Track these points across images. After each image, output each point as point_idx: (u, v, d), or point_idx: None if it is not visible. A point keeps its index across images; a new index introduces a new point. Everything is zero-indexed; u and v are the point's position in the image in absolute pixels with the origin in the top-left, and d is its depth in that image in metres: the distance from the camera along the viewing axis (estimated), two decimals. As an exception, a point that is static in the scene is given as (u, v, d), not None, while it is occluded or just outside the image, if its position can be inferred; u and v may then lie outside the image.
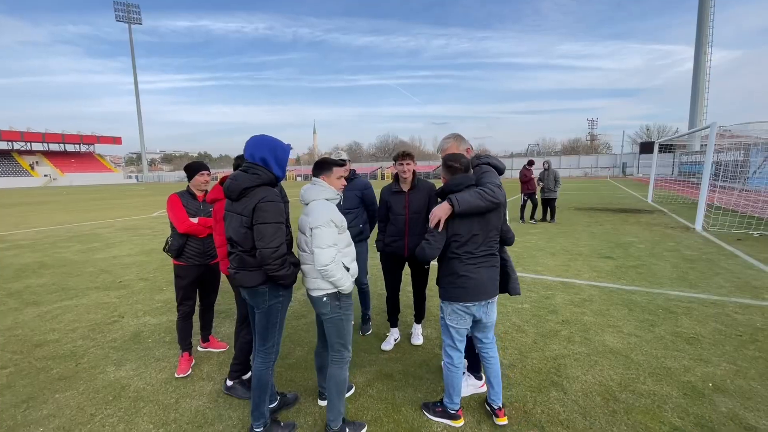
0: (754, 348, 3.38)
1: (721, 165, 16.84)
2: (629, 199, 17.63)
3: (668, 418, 2.48)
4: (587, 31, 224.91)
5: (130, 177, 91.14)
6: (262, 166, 2.21)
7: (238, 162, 3.68)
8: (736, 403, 2.62)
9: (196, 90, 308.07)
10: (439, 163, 2.66)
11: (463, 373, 2.61)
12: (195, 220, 3.16)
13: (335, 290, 2.29)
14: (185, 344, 3.31)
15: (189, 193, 3.24)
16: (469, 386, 2.81)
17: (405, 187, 3.41)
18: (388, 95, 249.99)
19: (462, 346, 2.43)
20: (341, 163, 2.48)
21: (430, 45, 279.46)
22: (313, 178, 2.43)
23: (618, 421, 2.47)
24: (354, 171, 3.85)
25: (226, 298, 4.96)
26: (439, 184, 2.54)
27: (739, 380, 2.89)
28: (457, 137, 2.68)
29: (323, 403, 2.69)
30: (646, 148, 42.46)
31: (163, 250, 3.20)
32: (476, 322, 2.42)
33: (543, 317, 4.19)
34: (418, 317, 3.76)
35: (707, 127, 9.48)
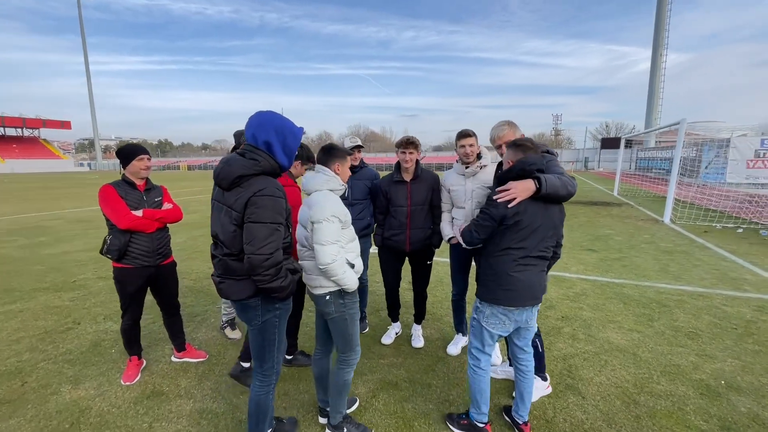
0: (753, 341, 3.40)
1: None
2: (596, 192, 18.26)
3: (693, 422, 2.37)
4: (552, 30, 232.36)
5: (81, 165, 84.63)
6: (264, 152, 1.81)
7: (238, 140, 3.15)
8: (753, 402, 2.56)
9: (155, 73, 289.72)
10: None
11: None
12: (138, 213, 2.70)
13: (339, 288, 2.09)
14: (134, 349, 2.94)
15: (126, 183, 2.75)
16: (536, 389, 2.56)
17: (407, 177, 3.14)
18: (358, 85, 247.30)
19: (491, 350, 2.20)
20: (351, 153, 2.20)
21: (400, 36, 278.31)
22: (318, 166, 2.17)
23: (644, 426, 2.33)
24: (362, 160, 3.50)
25: (200, 299, 4.49)
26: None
27: (748, 376, 2.86)
28: (511, 124, 2.41)
29: (324, 420, 2.38)
30: (607, 143, 44.41)
31: (101, 252, 2.70)
32: (516, 328, 2.18)
33: (542, 312, 4.06)
34: (418, 317, 3.50)
35: (677, 123, 9.82)
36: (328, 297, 2.10)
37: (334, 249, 1.99)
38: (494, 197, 1.99)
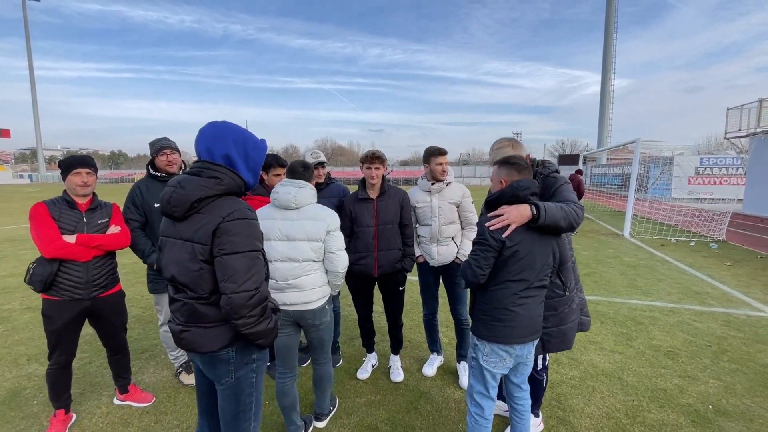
0: (728, 359, 3.41)
1: (627, 177, 19.04)
2: (558, 207, 18.96)
3: (691, 456, 2.25)
4: (509, 52, 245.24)
5: (21, 176, 77.90)
6: (225, 167, 1.50)
7: (153, 152, 2.97)
8: (743, 428, 2.49)
9: (110, 81, 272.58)
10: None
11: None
12: (71, 239, 2.29)
13: (330, 293, 2.31)
14: (61, 400, 2.46)
15: (65, 200, 2.37)
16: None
17: (372, 194, 2.90)
18: (324, 99, 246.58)
19: (495, 393, 1.96)
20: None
21: (366, 53, 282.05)
22: (301, 181, 2.21)
23: (644, 465, 2.18)
24: (329, 175, 3.24)
25: (149, 332, 3.97)
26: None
27: (732, 398, 2.82)
28: (514, 144, 2.14)
29: None
30: (564, 159, 47.03)
31: (25, 281, 2.29)
32: (515, 365, 1.96)
33: (522, 336, 3.92)
34: (395, 348, 3.23)
35: (633, 142, 10.37)
36: (326, 306, 2.26)
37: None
38: (486, 224, 1.79)
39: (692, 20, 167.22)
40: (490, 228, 1.77)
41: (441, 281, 3.13)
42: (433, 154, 2.90)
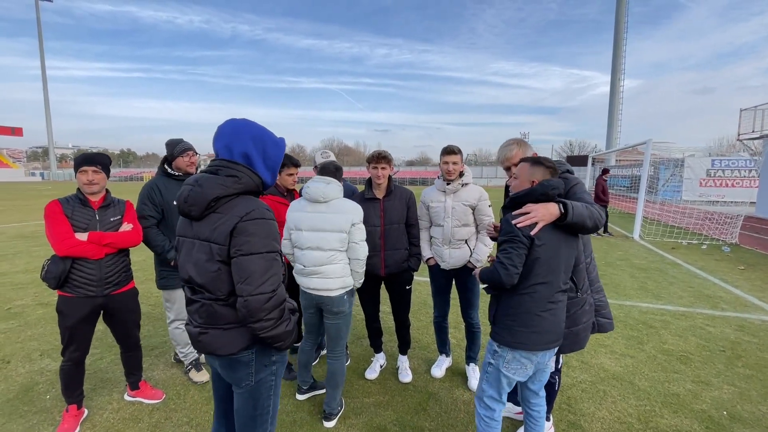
0: (742, 365, 3.34)
1: (636, 179, 18.80)
2: (566, 209, 18.77)
3: (706, 463, 2.21)
4: (516, 52, 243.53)
5: (33, 174, 79.13)
6: (244, 166, 1.46)
7: (171, 152, 2.99)
8: (759, 436, 2.44)
9: (120, 81, 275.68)
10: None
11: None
12: (83, 236, 2.29)
13: (351, 286, 2.48)
14: (74, 396, 2.48)
15: (78, 199, 2.37)
16: None
17: (379, 194, 2.90)
18: (331, 99, 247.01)
19: (506, 397, 1.94)
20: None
21: (373, 53, 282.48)
22: (329, 178, 2.44)
23: (657, 471, 2.14)
24: None
25: (159, 329, 4.01)
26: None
27: (747, 405, 2.76)
28: (521, 143, 2.17)
29: (301, 397, 2.78)
30: (572, 161, 46.61)
31: (41, 277, 2.32)
32: (534, 371, 1.94)
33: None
34: (403, 348, 3.22)
35: (643, 143, 10.24)
36: (345, 296, 2.43)
37: None
38: (513, 221, 1.77)
39: (703, 20, 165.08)
40: (518, 225, 1.75)
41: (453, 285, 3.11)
42: (441, 152, 2.89)
